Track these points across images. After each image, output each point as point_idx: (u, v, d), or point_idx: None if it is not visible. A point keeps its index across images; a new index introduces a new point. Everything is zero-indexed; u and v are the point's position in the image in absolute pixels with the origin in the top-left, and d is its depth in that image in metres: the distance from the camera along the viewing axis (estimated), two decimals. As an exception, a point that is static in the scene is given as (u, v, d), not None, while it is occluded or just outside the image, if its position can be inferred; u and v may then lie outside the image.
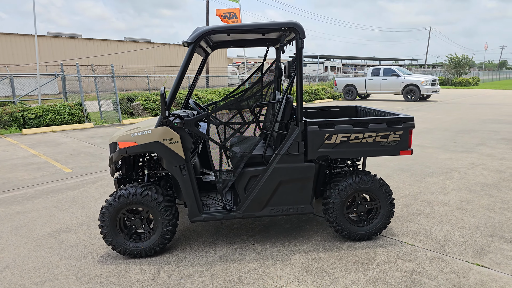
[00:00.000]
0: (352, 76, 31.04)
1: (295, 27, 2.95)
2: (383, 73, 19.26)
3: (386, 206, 3.29)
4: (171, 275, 2.89)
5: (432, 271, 2.82)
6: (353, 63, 66.55)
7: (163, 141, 3.01)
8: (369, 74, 19.78)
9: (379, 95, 23.02)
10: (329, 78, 43.79)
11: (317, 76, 40.20)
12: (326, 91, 21.71)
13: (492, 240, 3.31)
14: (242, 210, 3.17)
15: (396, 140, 3.16)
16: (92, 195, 4.91)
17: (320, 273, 2.84)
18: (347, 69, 57.68)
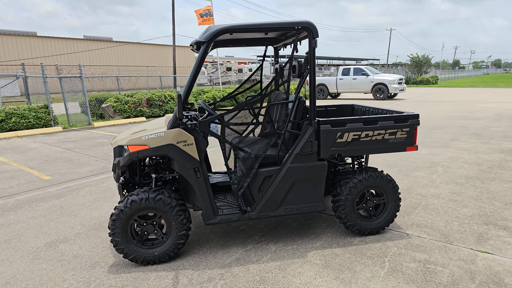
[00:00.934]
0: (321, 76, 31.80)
1: (309, 26, 3.02)
2: (353, 72, 19.93)
3: (394, 201, 3.46)
4: (191, 279, 2.86)
5: (443, 260, 3.00)
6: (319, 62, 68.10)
7: (177, 144, 2.97)
8: (339, 73, 20.38)
9: (350, 94, 23.75)
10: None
11: (284, 76, 40.76)
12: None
13: (488, 228, 3.58)
14: (257, 210, 3.20)
15: (404, 137, 3.34)
16: (81, 203, 4.71)
17: (339, 268, 2.93)
18: (313, 68, 58.79)
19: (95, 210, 4.43)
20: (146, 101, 14.51)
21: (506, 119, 11.10)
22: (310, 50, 3.08)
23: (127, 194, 3.06)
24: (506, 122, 10.39)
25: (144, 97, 14.46)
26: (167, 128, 3.00)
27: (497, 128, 9.41)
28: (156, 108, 14.61)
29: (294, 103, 3.24)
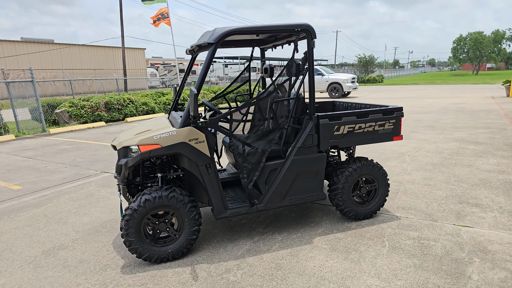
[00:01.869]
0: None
1: (308, 28, 3.26)
2: (309, 72, 20.70)
3: (384, 186, 3.81)
4: (209, 272, 2.96)
5: (433, 236, 3.40)
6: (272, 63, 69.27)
7: (189, 141, 3.05)
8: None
9: (306, 93, 24.60)
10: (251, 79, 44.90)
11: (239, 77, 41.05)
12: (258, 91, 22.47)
13: (463, 206, 4.07)
14: (265, 202, 3.37)
15: (391, 128, 3.70)
16: (66, 210, 4.55)
17: (346, 250, 3.20)
18: (266, 69, 59.61)
19: (85, 216, 4.32)
20: (104, 105, 13.97)
21: (451, 112, 12.28)
22: (308, 50, 3.31)
23: (139, 194, 3.07)
24: (452, 115, 11.51)
25: (102, 101, 13.91)
26: (178, 127, 3.06)
27: (446, 120, 10.41)
28: (115, 112, 14.11)
29: (295, 100, 3.46)
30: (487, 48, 60.68)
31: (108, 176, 6.02)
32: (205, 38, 3.22)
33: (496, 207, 4.00)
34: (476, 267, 2.84)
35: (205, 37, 3.27)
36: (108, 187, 5.44)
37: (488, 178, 5.02)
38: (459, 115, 11.50)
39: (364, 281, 2.73)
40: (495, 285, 2.60)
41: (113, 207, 4.57)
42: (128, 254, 3.34)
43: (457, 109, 12.96)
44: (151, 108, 15.72)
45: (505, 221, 3.65)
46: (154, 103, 16.19)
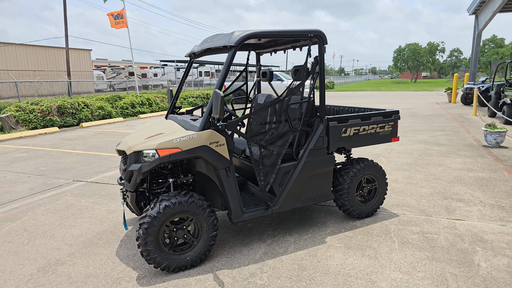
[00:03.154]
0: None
1: (320, 34, 3.37)
2: (268, 77, 21.10)
3: (383, 185, 4.03)
4: (234, 277, 2.92)
5: (433, 229, 3.66)
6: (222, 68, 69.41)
7: (209, 145, 3.00)
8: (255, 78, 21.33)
9: None
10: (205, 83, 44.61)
11: (192, 81, 40.41)
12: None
13: (449, 202, 4.44)
14: (279, 204, 3.40)
15: (390, 130, 3.94)
16: (49, 222, 4.20)
17: (361, 248, 3.34)
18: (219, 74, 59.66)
19: (73, 229, 4.02)
20: (57, 109, 13.05)
21: (406, 116, 13.23)
22: (320, 55, 3.43)
23: (156, 200, 2.94)
24: (409, 119, 12.41)
25: (54, 105, 12.98)
26: (198, 130, 3.00)
27: (405, 124, 11.20)
28: (69, 117, 13.25)
29: (307, 103, 3.54)
30: (423, 58, 66.30)
31: (83, 185, 5.64)
32: (222, 41, 3.19)
33: (477, 201, 4.41)
34: (481, 255, 3.13)
35: (221, 40, 3.24)
36: (88, 196, 5.11)
37: (460, 175, 5.52)
38: (414, 119, 12.43)
39: (388, 275, 2.87)
40: (503, 270, 2.89)
41: (102, 218, 4.31)
42: (139, 265, 3.18)
43: (410, 114, 13.99)
44: (107, 113, 14.97)
45: (489, 213, 4.05)
46: (110, 107, 15.45)
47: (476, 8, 15.45)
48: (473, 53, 17.19)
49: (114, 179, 5.92)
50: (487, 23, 14.28)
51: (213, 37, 3.53)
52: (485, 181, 5.22)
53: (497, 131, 7.26)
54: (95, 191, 5.33)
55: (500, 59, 54.54)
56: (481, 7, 15.07)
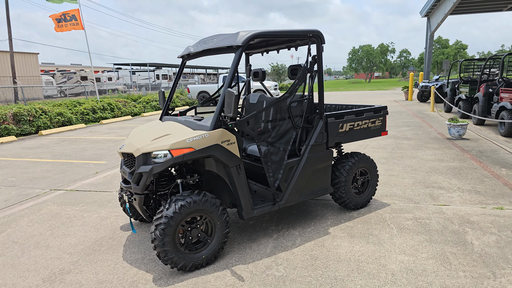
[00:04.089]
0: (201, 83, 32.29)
1: (318, 34, 3.56)
2: (233, 79, 21.23)
3: (375, 177, 4.30)
4: (251, 271, 3.01)
5: (424, 215, 3.98)
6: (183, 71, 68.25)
7: (221, 143, 3.06)
8: (220, 81, 21.37)
9: None
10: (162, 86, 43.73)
11: (149, 85, 39.43)
12: (180, 98, 22.11)
13: (431, 190, 4.82)
14: (285, 199, 3.53)
15: (380, 124, 4.22)
16: (38, 233, 4.02)
17: (364, 235, 3.56)
18: (178, 77, 58.54)
19: (67, 238, 3.88)
20: (12, 116, 12.25)
21: (371, 114, 13.93)
22: (318, 54, 3.61)
23: (170, 200, 2.95)
24: (373, 117, 13.07)
25: (9, 112, 12.18)
26: (209, 129, 3.05)
27: (371, 121, 11.80)
28: (26, 125, 12.48)
29: (308, 100, 3.71)
30: (376, 59, 69.81)
31: (63, 194, 5.42)
32: (227, 41, 3.25)
33: (456, 188, 4.83)
34: (471, 235, 3.47)
35: (225, 40, 3.30)
36: (72, 205, 4.92)
37: (434, 166, 5.98)
38: (378, 116, 13.12)
39: (395, 258, 3.10)
40: (493, 246, 3.23)
41: (96, 225, 4.19)
42: (151, 267, 3.17)
43: (373, 112, 14.73)
44: (67, 119, 14.28)
45: (469, 197, 4.46)
46: (70, 113, 14.75)
47: (428, 11, 16.68)
48: (426, 53, 18.51)
49: (96, 186, 5.74)
50: (439, 24, 15.49)
51: (213, 37, 3.59)
52: (458, 169, 5.71)
53: (460, 125, 7.93)
54: (78, 199, 5.14)
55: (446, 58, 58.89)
56: (433, 10, 16.30)
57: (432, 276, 2.81)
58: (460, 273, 2.84)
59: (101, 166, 7.13)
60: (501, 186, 4.85)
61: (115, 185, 5.77)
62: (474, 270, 2.87)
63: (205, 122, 3.29)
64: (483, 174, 5.40)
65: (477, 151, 6.91)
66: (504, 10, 16.66)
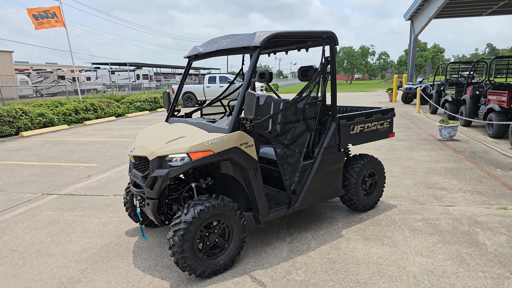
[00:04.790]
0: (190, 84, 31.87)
1: (332, 35, 3.55)
2: (219, 80, 21.10)
3: (382, 179, 4.33)
4: (271, 276, 2.96)
5: (433, 216, 4.03)
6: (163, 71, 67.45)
7: (240, 146, 3.00)
8: (206, 81, 21.21)
9: None
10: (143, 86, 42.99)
11: (129, 85, 38.63)
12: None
13: (433, 191, 4.90)
14: (299, 202, 3.50)
15: (387, 126, 4.25)
16: (38, 240, 3.84)
17: (377, 238, 3.57)
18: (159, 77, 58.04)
19: (71, 244, 3.72)
20: (-9, 117, 11.73)
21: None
22: (331, 56, 3.60)
23: (188, 205, 2.87)
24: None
25: (-13, 113, 11.66)
26: (227, 131, 2.98)
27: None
28: (6, 126, 11.97)
29: (321, 102, 3.68)
30: (357, 61, 71.06)
31: (57, 199, 5.21)
32: (244, 41, 3.19)
33: (457, 189, 4.93)
34: (482, 235, 3.53)
35: (241, 41, 3.23)
36: (69, 210, 4.73)
37: (432, 167, 6.10)
38: (367, 117, 13.31)
39: (413, 260, 3.12)
40: (506, 246, 3.30)
41: (98, 231, 4.04)
42: (165, 275, 3.07)
43: (361, 113, 14.94)
44: (49, 120, 13.81)
45: (472, 198, 4.56)
46: (52, 114, 14.26)
47: (412, 14, 17.10)
48: (410, 55, 18.97)
49: (91, 190, 5.55)
50: (423, 28, 15.92)
51: (225, 38, 3.52)
52: (455, 170, 5.84)
53: (451, 126, 8.13)
54: (75, 204, 4.95)
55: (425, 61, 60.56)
56: (416, 14, 16.73)
57: (453, 277, 2.84)
58: (479, 274, 2.88)
59: (93, 169, 6.91)
60: (500, 186, 4.98)
61: (111, 189, 5.60)
62: (493, 271, 2.92)
63: (220, 124, 3.22)
64: (480, 175, 5.54)
65: (469, 152, 7.10)
66: (484, 15, 17.30)
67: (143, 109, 19.78)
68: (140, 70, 51.09)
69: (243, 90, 3.06)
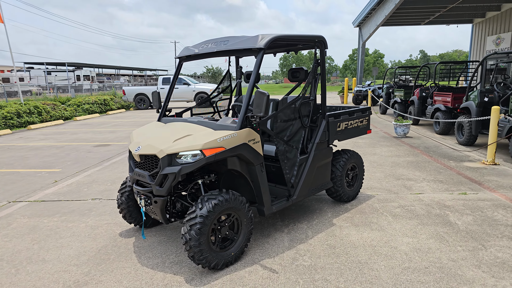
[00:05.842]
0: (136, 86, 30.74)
1: (322, 39, 3.86)
2: (174, 82, 20.81)
3: (362, 172, 4.75)
4: (280, 263, 3.18)
5: (408, 203, 4.52)
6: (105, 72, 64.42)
7: (248, 142, 3.18)
8: (159, 83, 20.80)
9: (173, 103, 24.22)
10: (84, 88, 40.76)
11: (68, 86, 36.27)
12: (115, 101, 20.99)
13: (402, 181, 5.44)
14: (296, 195, 3.76)
15: (366, 123, 4.68)
16: (23, 248, 3.68)
17: (366, 224, 3.94)
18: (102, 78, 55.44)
19: (64, 249, 3.63)
20: None
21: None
22: (322, 58, 3.92)
23: (202, 200, 2.98)
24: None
25: None
26: (236, 128, 3.14)
27: (320, 123, 12.60)
28: None
29: (314, 102, 3.97)
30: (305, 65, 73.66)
31: (28, 205, 4.97)
32: (247, 43, 3.35)
33: (421, 179, 5.53)
34: (453, 217, 4.06)
35: (244, 43, 3.39)
36: (47, 216, 4.55)
37: (395, 161, 6.72)
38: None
39: (401, 240, 3.52)
40: (473, 224, 3.84)
41: (89, 234, 3.96)
42: (177, 270, 3.15)
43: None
44: (-11, 124, 12.73)
45: (436, 186, 5.15)
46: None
47: (361, 22, 18.38)
48: (359, 60, 20.30)
49: (65, 196, 5.34)
50: (371, 34, 17.19)
51: (224, 39, 3.66)
52: (416, 163, 6.50)
53: (405, 124, 8.94)
54: (51, 210, 4.76)
55: (367, 66, 64.61)
56: (365, 21, 18.01)
57: (438, 252, 3.27)
58: (458, 248, 3.35)
59: (58, 174, 6.60)
60: (456, 175, 5.67)
61: (86, 193, 5.43)
62: (468, 244, 3.41)
63: (224, 122, 3.38)
64: (437, 166, 6.23)
65: (423, 147, 7.90)
66: (422, 24, 19.09)
67: (93, 112, 18.88)
68: (81, 71, 48.33)
69: (250, 89, 3.25)
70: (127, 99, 21.06)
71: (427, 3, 13.84)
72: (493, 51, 16.17)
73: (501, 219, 3.95)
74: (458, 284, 2.79)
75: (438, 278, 2.88)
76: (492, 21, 16.54)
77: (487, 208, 4.29)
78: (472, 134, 7.59)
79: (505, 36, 15.61)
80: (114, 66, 58.66)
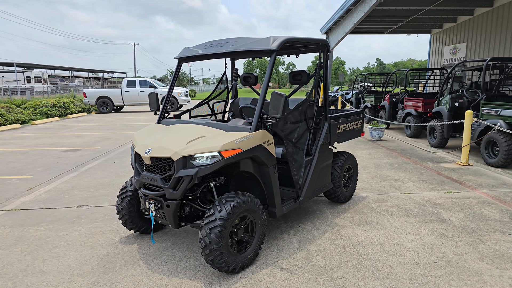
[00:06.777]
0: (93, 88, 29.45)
1: (325, 43, 3.98)
2: (139, 84, 20.28)
3: (356, 173, 4.91)
4: (296, 265, 3.21)
5: (401, 202, 4.73)
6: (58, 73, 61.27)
7: (263, 144, 3.20)
8: (124, 85, 20.18)
9: (138, 106, 23.53)
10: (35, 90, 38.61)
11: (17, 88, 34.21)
12: (75, 104, 20.06)
13: (389, 182, 5.68)
14: (302, 196, 3.82)
15: (360, 126, 4.85)
16: (15, 260, 3.43)
17: (366, 223, 4.08)
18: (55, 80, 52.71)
19: (61, 259, 3.43)
20: None
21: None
22: (324, 61, 4.03)
23: (220, 203, 2.94)
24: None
25: None
26: (252, 130, 3.15)
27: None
28: None
29: (317, 104, 4.06)
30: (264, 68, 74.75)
31: (6, 214, 4.63)
32: (258, 45, 3.36)
33: (407, 179, 5.81)
34: (445, 214, 4.31)
35: (255, 44, 3.40)
36: (32, 225, 4.27)
37: (377, 163, 7.00)
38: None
39: (404, 237, 3.69)
40: (465, 220, 4.10)
41: (85, 242, 3.77)
42: (191, 275, 3.08)
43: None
44: None
45: (422, 186, 5.44)
46: None
47: (328, 29, 18.99)
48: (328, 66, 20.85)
49: (45, 203, 5.03)
50: (339, 41, 17.82)
51: (231, 40, 3.65)
52: (397, 165, 6.81)
53: (380, 128, 9.35)
54: (34, 219, 4.46)
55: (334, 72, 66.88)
56: (332, 29, 18.64)
57: (442, 248, 3.47)
58: (459, 243, 3.56)
59: (30, 181, 6.20)
60: (437, 176, 6.03)
61: (69, 200, 5.16)
62: (467, 239, 3.64)
63: (235, 123, 3.36)
64: (418, 168, 6.58)
65: (400, 150, 8.30)
66: (385, 33, 20.10)
67: (52, 115, 17.89)
68: (31, 72, 45.66)
69: (264, 91, 3.27)
70: (88, 102, 20.20)
71: (392, 13, 14.63)
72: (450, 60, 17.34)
73: (489, 215, 4.25)
74: (468, 276, 2.97)
75: (448, 271, 3.05)
76: (449, 32, 17.77)
77: (474, 205, 4.60)
78: (444, 137, 8.10)
79: (461, 46, 16.82)
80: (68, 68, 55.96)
